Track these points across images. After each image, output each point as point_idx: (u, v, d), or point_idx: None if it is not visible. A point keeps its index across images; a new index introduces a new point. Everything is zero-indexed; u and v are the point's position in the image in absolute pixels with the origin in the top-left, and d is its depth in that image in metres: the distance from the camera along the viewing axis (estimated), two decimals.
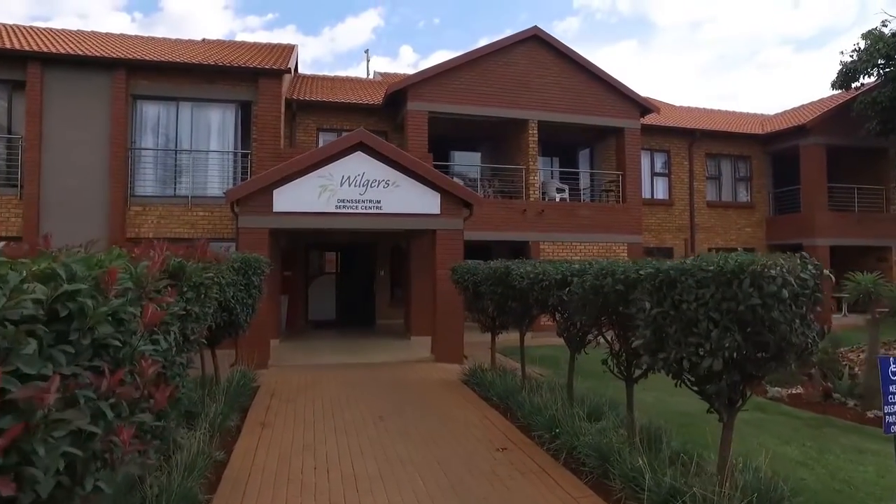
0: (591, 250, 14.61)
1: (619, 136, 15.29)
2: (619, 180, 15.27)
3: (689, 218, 17.90)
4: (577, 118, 14.69)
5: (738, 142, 18.70)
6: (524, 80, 14.29)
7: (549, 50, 14.51)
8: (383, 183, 9.69)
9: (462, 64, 13.75)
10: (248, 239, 9.11)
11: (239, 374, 7.60)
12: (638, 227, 15.12)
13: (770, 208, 18.98)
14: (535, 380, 7.33)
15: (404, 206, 9.79)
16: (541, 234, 14.13)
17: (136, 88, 11.62)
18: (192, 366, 3.52)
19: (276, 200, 9.22)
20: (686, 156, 18.01)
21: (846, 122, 17.12)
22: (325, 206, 9.38)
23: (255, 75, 11.94)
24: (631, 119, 15.20)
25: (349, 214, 9.51)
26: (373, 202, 9.62)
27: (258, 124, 11.95)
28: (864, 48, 16.04)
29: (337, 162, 9.48)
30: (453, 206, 10.07)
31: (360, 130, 9.56)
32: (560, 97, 14.56)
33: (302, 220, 9.35)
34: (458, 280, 8.27)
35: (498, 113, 14.07)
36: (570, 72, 14.68)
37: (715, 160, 18.64)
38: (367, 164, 9.63)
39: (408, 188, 9.82)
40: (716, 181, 18.65)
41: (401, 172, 9.79)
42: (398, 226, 9.85)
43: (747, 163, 18.95)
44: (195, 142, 12.05)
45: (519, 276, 6.10)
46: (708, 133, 18.03)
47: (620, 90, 14.93)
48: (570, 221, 14.43)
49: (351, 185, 9.52)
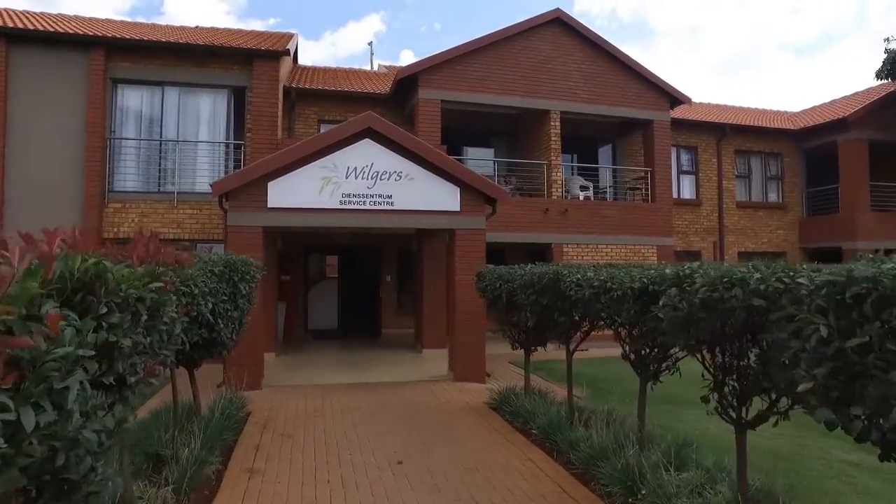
0: (618, 253, 13.34)
1: (647, 129, 14.04)
2: (647, 177, 14.01)
3: (717, 219, 16.63)
4: (603, 109, 13.46)
5: (770, 138, 17.45)
6: (545, 66, 13.06)
7: (572, 35, 13.29)
8: (395, 175, 8.42)
9: (478, 48, 12.52)
10: (238, 239, 7.84)
11: (225, 400, 6.33)
12: (668, 228, 13.85)
13: (803, 209, 17.71)
14: (583, 408, 6.04)
15: (419, 201, 8.52)
16: (564, 236, 12.87)
17: (115, 71, 10.37)
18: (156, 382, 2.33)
19: (270, 194, 7.96)
20: (714, 152, 16.76)
21: (891, 116, 15.91)
22: (327, 201, 8.11)
23: (250, 57, 10.70)
24: (660, 110, 13.96)
25: (356, 211, 8.24)
26: (383, 197, 8.36)
27: (253, 112, 10.71)
28: None
29: (342, 150, 8.22)
30: (475, 203, 8.80)
31: (369, 114, 8.30)
32: (584, 86, 13.32)
33: (301, 218, 8.07)
34: (484, 288, 7.00)
35: (517, 102, 12.83)
36: (595, 59, 13.44)
37: (744, 157, 17.39)
38: (376, 153, 8.37)
39: (423, 181, 8.56)
40: (745, 180, 17.39)
41: (415, 163, 8.52)
42: (412, 225, 8.57)
43: (778, 160, 17.69)
44: (183, 132, 10.79)
45: (574, 283, 4.83)
46: (738, 128, 16.79)
47: (649, 79, 13.69)
48: (596, 222, 13.16)
49: (358, 178, 8.26)
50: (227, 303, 5.20)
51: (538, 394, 6.91)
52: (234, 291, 5.36)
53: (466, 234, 8.71)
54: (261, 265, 6.28)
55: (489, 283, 6.78)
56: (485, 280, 7.00)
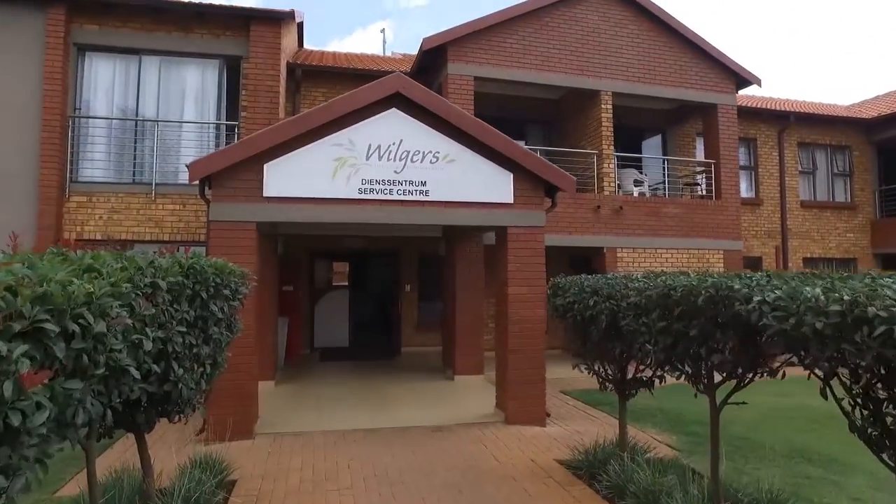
0: (680, 259, 11.32)
1: (710, 115, 12.03)
2: (708, 171, 12.00)
3: (780, 221, 14.57)
4: (660, 90, 11.47)
5: (836, 129, 15.40)
6: (594, 40, 11.11)
7: (624, 3, 11.33)
8: (431, 156, 6.46)
9: (515, 17, 10.58)
10: (224, 240, 5.88)
11: (197, 468, 4.36)
12: (736, 230, 11.81)
13: (876, 210, 15.63)
14: (728, 487, 4.03)
15: (462, 190, 6.55)
16: (618, 238, 10.85)
17: (81, 35, 8.48)
18: None
19: (268, 180, 6.00)
20: (775, 145, 14.72)
21: None
22: (343, 188, 6.15)
23: (247, 21, 8.79)
24: (725, 93, 11.96)
25: (380, 202, 6.26)
26: (415, 185, 6.38)
27: (249, 87, 8.78)
28: None
29: (361, 123, 6.26)
30: (532, 192, 6.81)
31: (397, 75, 6.33)
32: (638, 63, 11.35)
33: (308, 211, 6.11)
34: (566, 305, 4.99)
35: (562, 81, 10.86)
36: (650, 31, 11.48)
37: (808, 151, 15.34)
38: (406, 126, 6.41)
39: (467, 164, 6.58)
40: (809, 176, 15.33)
41: (456, 141, 6.55)
42: (452, 221, 6.57)
43: (846, 154, 15.64)
44: (164, 110, 8.88)
45: (767, 307, 2.83)
46: (803, 117, 14.76)
47: (713, 55, 11.70)
48: (654, 222, 11.15)
49: (382, 159, 6.29)
50: (191, 333, 3.25)
51: (636, 451, 4.93)
52: (204, 316, 3.40)
53: (522, 232, 6.72)
54: (250, 273, 4.32)
55: (575, 299, 4.78)
56: (565, 293, 4.99)
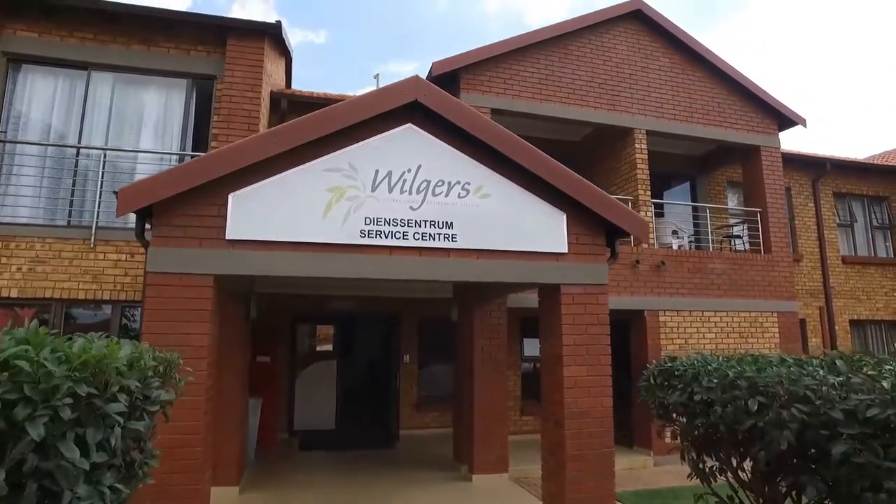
0: (730, 324, 9.61)
1: (752, 159, 10.65)
2: (756, 221, 10.48)
3: (822, 278, 13.04)
4: (698, 130, 10.09)
5: (871, 178, 14.19)
6: (623, 72, 9.79)
7: (655, 34, 10.12)
8: (459, 188, 4.77)
9: (538, 43, 9.25)
10: (165, 300, 4.04)
11: None
12: (790, 288, 10.20)
13: None
14: None
15: (500, 235, 4.84)
16: (660, 300, 9.15)
17: (14, 43, 6.86)
18: None
19: (233, 215, 4.24)
20: (811, 195, 13.38)
21: None
22: (338, 230, 4.40)
23: (223, 34, 7.26)
24: (768, 134, 10.64)
25: (389, 249, 4.51)
26: (438, 226, 4.66)
27: (222, 112, 7.15)
28: None
29: (366, 142, 4.59)
30: (591, 237, 5.12)
31: (416, 78, 4.71)
32: (672, 99, 10.03)
33: (288, 261, 4.32)
34: (688, 405, 3.17)
35: (590, 116, 9.43)
36: (683, 64, 10.23)
37: (844, 202, 14.03)
38: (425, 147, 4.76)
39: (506, 199, 4.91)
40: (848, 229, 13.95)
41: (490, 168, 4.90)
42: (489, 276, 4.80)
43: (883, 206, 14.37)
44: (116, 137, 7.19)
45: None
46: (838, 165, 13.52)
47: (752, 91, 10.45)
48: (699, 280, 9.50)
49: (393, 190, 4.59)
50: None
51: None
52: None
53: (580, 293, 4.97)
54: (179, 362, 2.49)
55: (708, 398, 2.97)
56: (686, 385, 3.18)
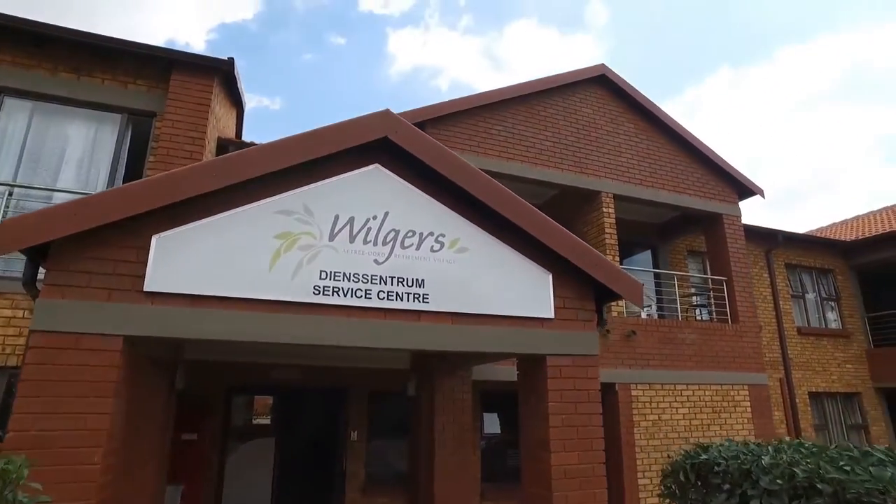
0: (703, 397, 9.12)
1: (715, 227, 10.57)
2: (721, 289, 10.26)
3: (780, 349, 12.91)
4: (663, 195, 9.95)
5: (818, 251, 14.50)
6: (591, 134, 9.64)
7: (619, 99, 10.11)
8: (432, 240, 4.11)
9: (504, 101, 9.00)
10: (54, 367, 3.09)
11: None
12: (758, 359, 9.89)
13: (869, 338, 14.39)
14: None
15: (478, 296, 4.15)
16: (632, 372, 8.59)
17: None
18: None
19: (155, 261, 3.38)
20: (765, 266, 13.47)
21: None
22: (286, 284, 3.60)
23: (167, 67, 6.56)
24: (729, 203, 10.64)
25: (348, 310, 3.74)
26: (408, 284, 3.94)
27: (160, 151, 6.33)
28: None
29: (326, 182, 3.90)
30: (580, 301, 4.50)
31: (386, 112, 4.12)
32: (637, 164, 9.90)
33: (225, 323, 3.46)
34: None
35: (557, 177, 9.12)
36: (648, 131, 10.21)
37: (796, 273, 14.22)
38: (395, 191, 4.10)
39: (486, 255, 4.27)
40: (801, 300, 14.07)
41: (469, 218, 4.28)
42: (465, 345, 4.07)
43: (829, 278, 14.65)
44: (28, 172, 6.21)
45: None
46: (788, 237, 13.75)
47: (715, 162, 10.50)
48: (670, 350, 9.05)
49: (356, 240, 3.87)
50: None
51: None
52: None
53: (568, 365, 4.29)
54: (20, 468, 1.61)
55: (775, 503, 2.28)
56: (731, 486, 2.48)
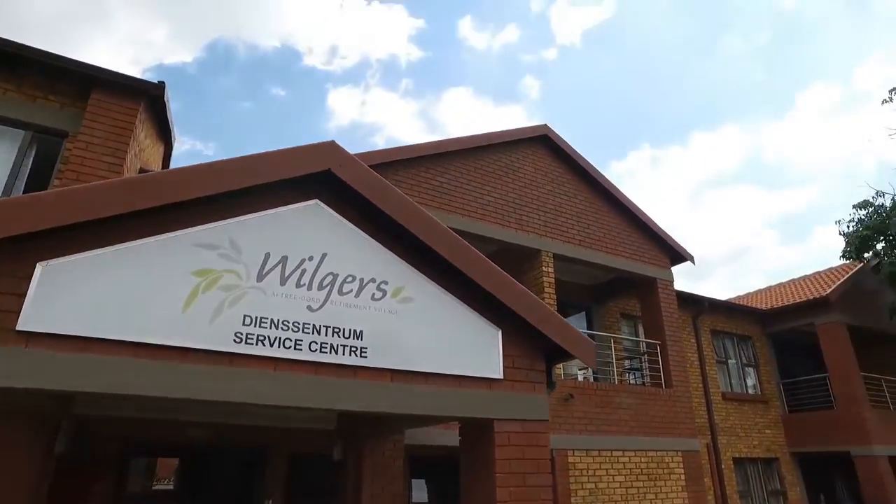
0: (639, 464, 8.91)
1: (649, 291, 10.74)
2: (655, 353, 10.32)
3: (707, 414, 13.08)
4: (601, 257, 10.04)
5: (739, 318, 15.12)
6: (532, 193, 9.67)
7: (561, 160, 10.29)
8: (374, 287, 3.71)
9: (449, 152, 8.90)
10: None
11: None
12: (691, 425, 9.88)
13: (784, 404, 14.91)
14: None
15: (421, 352, 3.75)
16: (569, 437, 8.28)
17: None
18: None
19: (37, 295, 2.76)
20: (692, 331, 13.84)
21: (861, 297, 14.53)
22: (202, 331, 3.06)
23: (87, 84, 5.95)
24: (662, 267, 10.90)
25: (274, 362, 3.22)
26: (344, 335, 3.49)
27: (69, 175, 5.60)
28: (864, 218, 14.13)
29: (258, 216, 3.45)
30: (530, 361, 4.18)
31: (331, 144, 3.75)
32: (576, 225, 10.00)
33: (122, 373, 2.85)
34: None
35: (500, 234, 8.99)
36: (588, 193, 10.40)
37: (719, 339, 14.69)
38: (335, 232, 3.70)
39: (431, 307, 3.89)
40: (724, 366, 14.47)
41: (414, 265, 3.93)
42: (403, 407, 3.61)
43: (749, 345, 15.24)
44: None
45: None
46: (712, 304, 14.26)
47: (648, 225, 10.80)
48: (607, 415, 8.85)
49: (287, 282, 3.41)
50: None
51: None
52: None
53: (517, 432, 3.91)
54: None
55: None
56: None
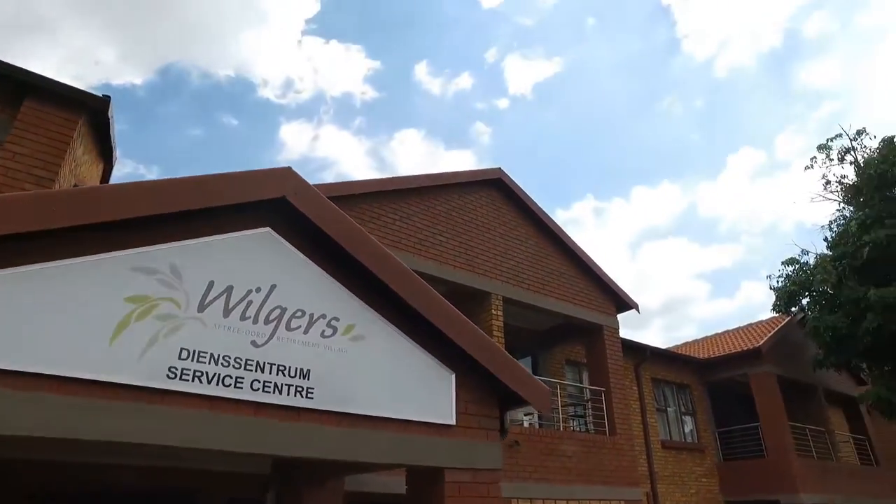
0: None
1: (596, 338, 10.85)
2: (601, 400, 10.34)
3: (647, 463, 13.17)
4: (550, 303, 10.10)
5: (678, 367, 15.51)
6: (485, 235, 9.69)
7: (513, 204, 10.42)
8: (324, 323, 3.50)
9: (402, 190, 8.83)
10: None
11: None
12: (634, 473, 9.87)
13: (719, 452, 15.23)
14: None
15: (373, 395, 3.54)
16: (514, 485, 8.06)
17: None
18: None
19: None
20: (634, 379, 14.05)
21: (788, 350, 15.25)
22: (131, 364, 2.75)
23: (19, 91, 5.52)
24: (609, 315, 11.07)
25: (210, 402, 2.94)
26: (290, 374, 3.24)
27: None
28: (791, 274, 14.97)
29: (203, 241, 3.21)
30: (484, 408, 4.02)
31: (288, 170, 3.58)
32: (527, 269, 10.06)
33: (32, 411, 2.50)
34: None
35: (451, 275, 8.91)
36: (539, 238, 10.53)
37: (660, 388, 14.97)
38: (286, 263, 3.50)
39: (383, 347, 3.71)
40: (664, 414, 14.71)
41: (367, 302, 3.75)
42: (348, 454, 3.35)
43: (687, 393, 15.61)
44: None
45: None
46: (654, 352, 14.59)
47: (598, 274, 11.00)
48: (552, 462, 8.72)
49: (231, 314, 3.15)
50: None
51: None
52: None
53: (468, 482, 3.71)
54: None
55: None
56: None
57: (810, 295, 14.80)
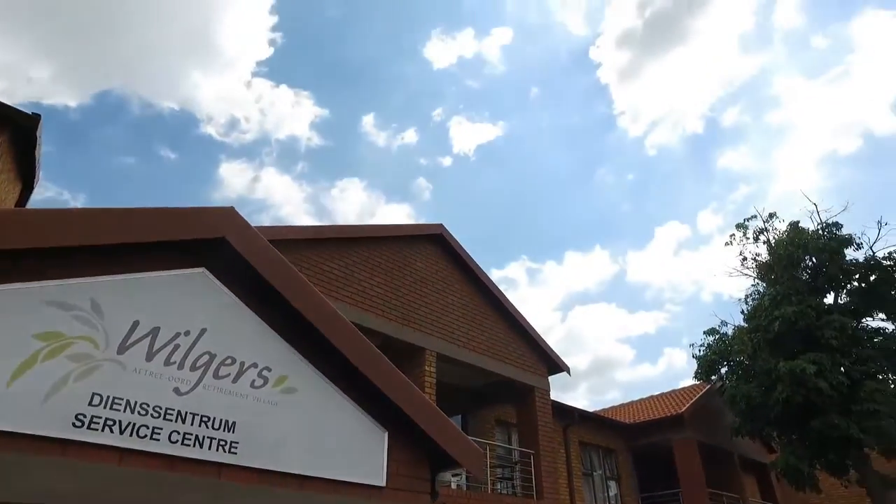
0: None
1: (526, 400, 10.84)
2: (530, 462, 10.23)
3: None
4: (484, 361, 10.06)
5: (604, 431, 15.69)
6: (422, 289, 9.65)
7: (452, 261, 10.49)
8: (255, 373, 3.30)
9: (339, 239, 8.71)
10: None
11: None
12: None
13: None
14: None
15: (301, 453, 3.33)
16: None
17: None
18: None
19: None
20: (562, 442, 14.06)
21: (707, 417, 15.80)
22: (33, 410, 2.47)
23: None
24: (541, 376, 11.13)
25: (119, 455, 2.66)
26: (214, 426, 3.01)
27: None
28: (712, 343, 15.73)
29: (130, 278, 3.00)
30: (416, 468, 3.88)
31: (231, 210, 3.43)
32: (463, 327, 10.04)
33: None
34: None
35: (385, 327, 8.74)
36: (475, 297, 10.59)
37: (586, 451, 15.04)
38: (220, 306, 3.31)
39: (316, 400, 3.53)
40: (590, 478, 14.72)
41: (302, 353, 3.59)
42: None
43: (613, 458, 15.75)
44: None
45: None
46: (582, 415, 14.73)
47: (532, 335, 11.12)
48: None
49: (154, 358, 2.92)
50: None
51: None
52: None
53: None
54: None
55: None
56: None
57: (728, 364, 15.56)
